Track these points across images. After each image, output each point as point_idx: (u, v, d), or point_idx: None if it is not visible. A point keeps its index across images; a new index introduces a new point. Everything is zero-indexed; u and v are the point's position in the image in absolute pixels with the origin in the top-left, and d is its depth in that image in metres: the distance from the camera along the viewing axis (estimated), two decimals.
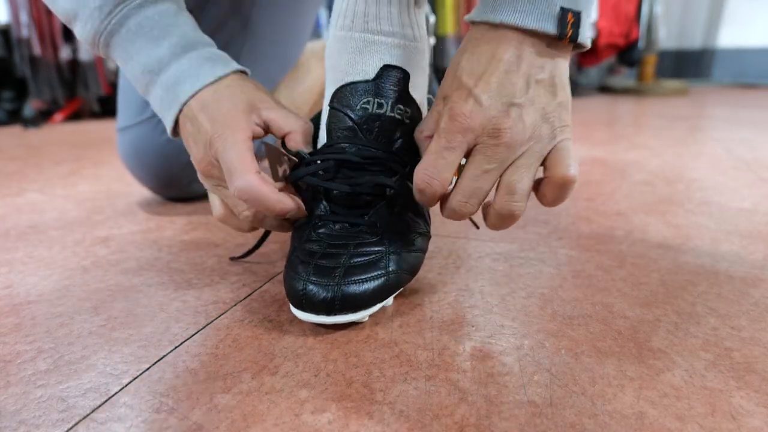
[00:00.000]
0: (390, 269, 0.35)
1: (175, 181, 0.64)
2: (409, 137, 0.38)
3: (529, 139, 0.33)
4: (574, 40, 0.32)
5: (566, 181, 0.33)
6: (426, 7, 0.40)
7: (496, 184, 0.34)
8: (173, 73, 0.39)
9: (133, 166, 0.65)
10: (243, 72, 0.41)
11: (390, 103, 0.37)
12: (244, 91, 0.39)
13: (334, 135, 0.38)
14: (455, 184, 0.34)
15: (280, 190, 0.37)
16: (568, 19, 0.31)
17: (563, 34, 0.32)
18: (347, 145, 0.37)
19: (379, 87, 0.37)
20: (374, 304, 0.34)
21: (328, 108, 0.39)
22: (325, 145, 0.38)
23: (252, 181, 0.35)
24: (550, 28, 0.31)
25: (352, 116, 0.37)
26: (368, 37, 0.37)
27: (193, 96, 0.38)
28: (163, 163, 0.63)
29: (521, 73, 0.32)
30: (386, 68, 0.37)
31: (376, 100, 0.37)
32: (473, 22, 0.35)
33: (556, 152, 0.33)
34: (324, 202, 0.38)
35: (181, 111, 0.39)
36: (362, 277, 0.34)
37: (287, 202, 0.36)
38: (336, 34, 0.38)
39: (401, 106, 0.37)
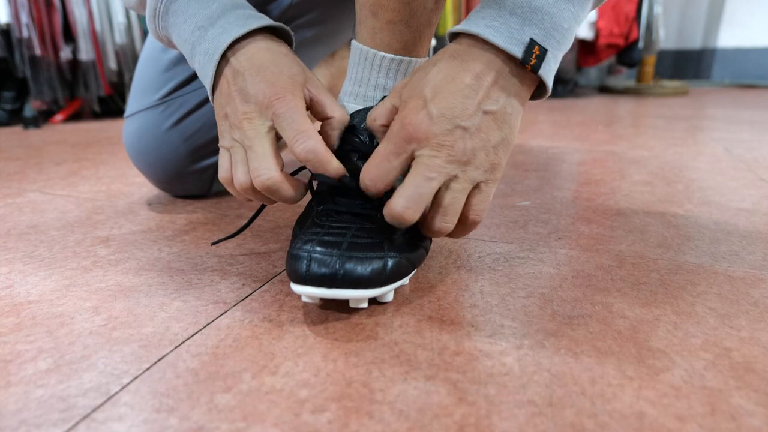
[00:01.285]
0: (389, 253, 0.35)
1: (175, 173, 0.64)
2: None
3: (466, 162, 0.35)
4: (535, 71, 0.35)
5: (475, 224, 0.38)
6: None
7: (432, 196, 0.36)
8: (221, 24, 0.41)
9: (135, 154, 0.65)
10: (287, 30, 0.44)
11: None
12: (299, 63, 0.41)
13: (345, 146, 0.41)
14: (394, 195, 0.36)
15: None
16: (534, 51, 0.34)
17: (527, 60, 0.34)
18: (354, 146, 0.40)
19: None
20: (374, 285, 0.34)
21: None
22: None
23: (319, 145, 0.37)
24: (517, 51, 0.34)
25: (359, 135, 0.40)
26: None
27: (237, 41, 0.40)
28: (163, 150, 0.63)
29: (476, 101, 0.35)
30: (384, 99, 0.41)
31: None
32: (453, 34, 0.37)
33: (478, 191, 0.37)
34: (329, 198, 0.40)
35: (225, 57, 0.41)
36: (364, 254, 0.34)
37: (341, 168, 0.38)
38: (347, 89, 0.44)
39: None
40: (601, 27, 2.00)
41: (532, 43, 0.34)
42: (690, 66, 2.87)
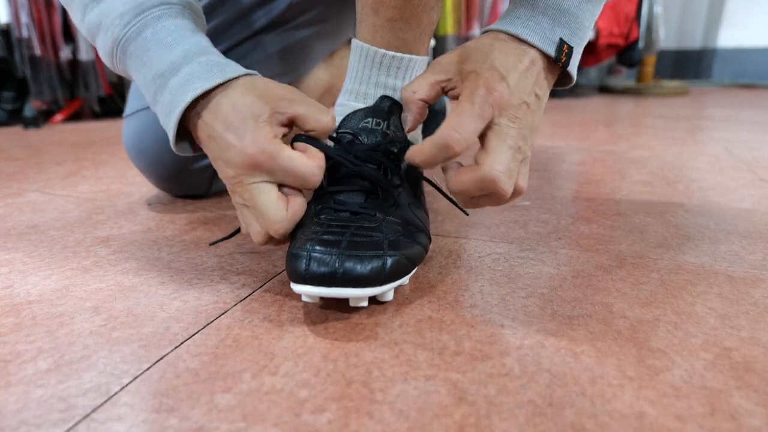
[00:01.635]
0: (389, 252, 0.35)
1: (175, 172, 0.64)
2: (396, 155, 0.42)
3: (525, 137, 0.38)
4: (565, 67, 0.39)
5: (521, 191, 0.39)
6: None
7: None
8: (183, 75, 0.39)
9: (135, 153, 0.65)
10: (254, 75, 0.41)
11: (385, 124, 0.42)
12: (259, 88, 0.39)
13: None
14: (487, 160, 0.36)
15: None
16: (564, 49, 0.38)
17: (558, 58, 0.38)
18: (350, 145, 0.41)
19: (377, 110, 0.42)
20: (374, 284, 0.34)
21: (334, 133, 0.42)
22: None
23: (308, 179, 0.38)
24: (550, 50, 0.38)
25: (352, 133, 0.41)
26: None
27: (201, 101, 0.38)
28: (163, 149, 0.63)
29: (532, 81, 0.38)
30: (384, 98, 0.43)
31: (374, 119, 0.41)
32: (492, 31, 0.39)
33: (524, 165, 0.39)
34: (327, 196, 0.40)
35: (188, 121, 0.39)
36: (363, 253, 0.34)
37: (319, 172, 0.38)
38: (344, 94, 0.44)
39: (394, 128, 0.42)
40: (601, 27, 2.00)
41: (562, 42, 0.38)
42: (690, 66, 2.87)
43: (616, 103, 1.87)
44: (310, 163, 0.37)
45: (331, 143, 0.42)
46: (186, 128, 0.41)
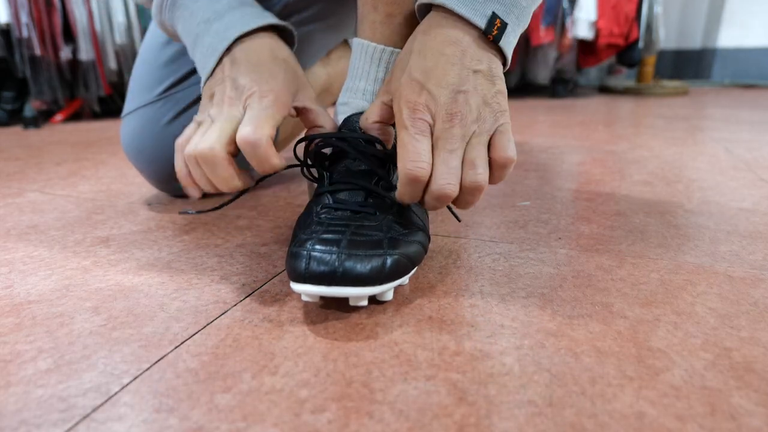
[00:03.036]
0: (388, 251, 0.35)
1: (173, 170, 0.64)
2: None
3: (476, 119, 0.37)
4: (496, 41, 0.37)
5: (507, 162, 0.38)
6: None
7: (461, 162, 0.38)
8: (226, 20, 0.43)
9: (134, 153, 0.65)
10: (291, 31, 0.46)
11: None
12: (297, 68, 0.43)
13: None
14: (432, 177, 0.37)
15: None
16: (496, 23, 0.37)
17: (489, 31, 0.37)
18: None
19: None
20: (374, 283, 0.34)
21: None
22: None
23: (262, 139, 0.39)
24: (480, 22, 0.36)
25: (356, 131, 0.42)
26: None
27: (241, 38, 0.42)
28: (162, 146, 0.63)
29: (464, 65, 0.37)
30: None
31: None
32: (419, 8, 0.39)
33: (498, 135, 0.38)
34: (328, 196, 0.41)
35: (228, 50, 0.42)
36: (363, 252, 0.34)
37: (280, 164, 0.41)
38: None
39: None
40: (601, 27, 2.00)
41: (494, 15, 0.37)
42: (690, 66, 2.87)
43: (616, 103, 1.87)
44: (256, 134, 0.39)
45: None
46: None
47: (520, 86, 2.21)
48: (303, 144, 0.43)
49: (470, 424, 0.26)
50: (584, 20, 1.97)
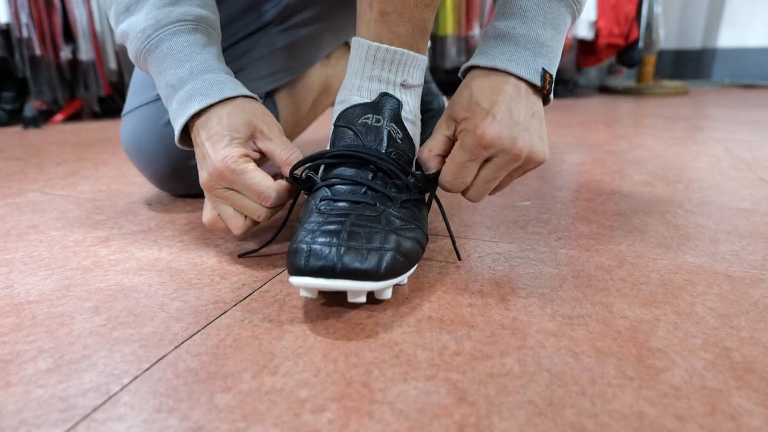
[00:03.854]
0: (385, 246, 0.35)
1: (174, 169, 0.64)
2: (398, 154, 0.43)
3: (527, 162, 0.42)
4: (548, 93, 0.43)
5: (540, 163, 0.43)
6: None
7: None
8: (187, 90, 0.45)
9: (134, 152, 0.65)
10: (252, 98, 0.47)
11: (386, 121, 0.43)
12: (246, 112, 0.45)
13: (337, 145, 0.43)
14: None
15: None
16: (547, 78, 0.42)
17: (543, 87, 0.42)
18: (348, 144, 0.42)
19: (377, 107, 0.43)
20: (372, 278, 0.34)
21: (332, 127, 0.45)
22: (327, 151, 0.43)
23: (279, 196, 0.45)
24: (536, 80, 0.41)
25: (353, 128, 0.43)
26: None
27: (199, 113, 0.45)
28: (162, 145, 0.63)
29: (523, 105, 0.41)
30: (384, 95, 0.43)
31: (374, 116, 0.43)
32: (476, 67, 0.43)
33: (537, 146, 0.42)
34: (326, 189, 0.41)
35: (188, 125, 0.46)
36: (362, 245, 0.34)
37: (279, 193, 0.44)
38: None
39: (394, 125, 0.43)
40: (601, 27, 2.00)
41: (544, 71, 0.42)
42: (690, 66, 2.87)
43: (616, 103, 1.87)
44: (268, 184, 0.43)
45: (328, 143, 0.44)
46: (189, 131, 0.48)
47: None
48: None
49: (470, 424, 0.26)
50: (584, 20, 1.98)
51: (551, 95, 0.43)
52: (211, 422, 0.26)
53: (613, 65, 2.55)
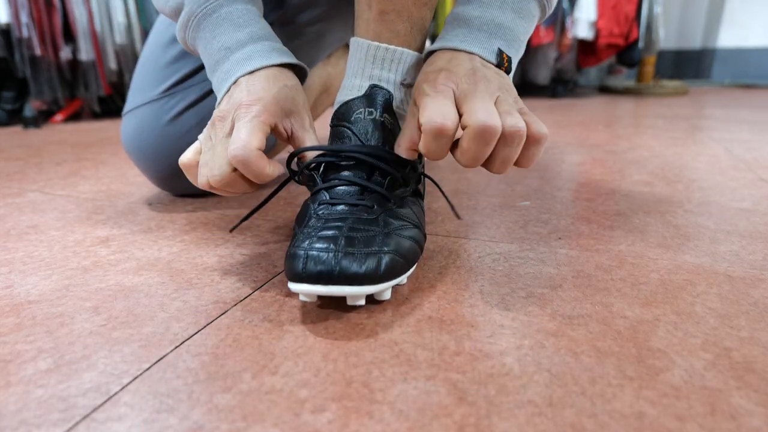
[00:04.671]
0: (384, 249, 0.36)
1: (174, 168, 0.64)
2: (392, 146, 0.42)
3: (498, 89, 0.38)
4: (508, 72, 0.41)
5: (541, 137, 0.38)
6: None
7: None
8: (248, 51, 0.45)
9: (135, 151, 0.65)
10: (305, 69, 0.47)
11: (378, 112, 0.42)
12: (297, 94, 0.45)
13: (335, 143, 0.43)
14: (465, 116, 0.36)
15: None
16: (504, 57, 0.41)
17: (501, 63, 0.40)
18: (346, 140, 0.43)
19: (369, 99, 0.43)
20: (370, 282, 0.34)
21: (329, 129, 0.45)
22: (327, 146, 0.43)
23: (251, 155, 0.39)
24: (491, 58, 0.40)
25: (349, 126, 0.42)
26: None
27: (257, 70, 0.44)
28: (163, 145, 0.63)
29: (471, 65, 0.39)
30: (374, 86, 0.43)
31: (366, 108, 0.42)
32: (431, 52, 0.42)
33: (526, 116, 0.38)
34: (324, 192, 0.41)
35: (242, 77, 0.44)
36: (360, 250, 0.34)
37: (275, 170, 0.41)
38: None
39: (387, 116, 0.43)
40: (601, 27, 2.00)
41: (501, 51, 0.40)
42: (690, 66, 2.87)
43: (616, 103, 1.87)
44: (267, 164, 0.41)
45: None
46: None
47: (520, 86, 2.21)
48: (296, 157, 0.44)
49: (470, 424, 0.26)
50: (584, 20, 1.98)
51: (510, 75, 0.42)
52: (211, 422, 0.26)
53: (613, 65, 2.55)
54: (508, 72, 0.41)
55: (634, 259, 0.46)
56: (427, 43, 0.49)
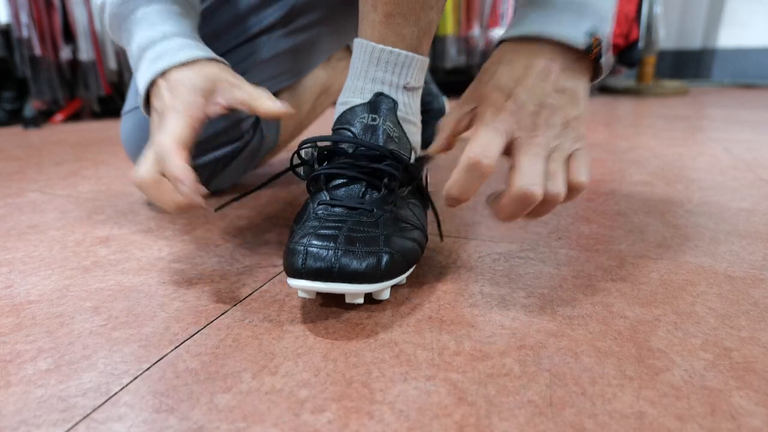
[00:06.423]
0: (384, 249, 0.35)
1: None
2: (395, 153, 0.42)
3: (557, 136, 0.37)
4: (597, 59, 0.37)
5: (580, 187, 0.37)
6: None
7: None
8: (157, 49, 0.45)
9: (135, 150, 0.65)
10: (221, 61, 0.46)
11: (382, 119, 0.42)
12: (210, 71, 0.44)
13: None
14: (513, 178, 0.36)
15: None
16: (594, 41, 0.37)
17: (590, 50, 0.37)
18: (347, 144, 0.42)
19: (374, 106, 0.42)
20: (370, 281, 0.34)
21: (332, 131, 0.44)
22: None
23: (165, 147, 0.39)
24: (580, 42, 0.37)
25: (351, 129, 0.42)
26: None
27: (167, 70, 0.44)
28: None
29: (551, 81, 0.37)
30: (379, 94, 0.43)
31: (370, 115, 0.42)
32: (510, 39, 0.39)
33: (574, 159, 0.38)
34: (324, 192, 0.41)
35: (153, 83, 0.44)
36: (360, 249, 0.34)
37: (196, 197, 0.38)
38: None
39: (390, 124, 0.42)
40: None
41: (591, 34, 0.37)
42: (690, 66, 2.87)
43: (616, 103, 1.87)
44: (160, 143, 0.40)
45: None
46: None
47: None
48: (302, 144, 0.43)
49: (470, 424, 0.26)
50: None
51: (602, 60, 0.38)
52: (211, 422, 0.26)
53: (613, 65, 2.55)
54: (598, 58, 0.38)
55: (634, 259, 0.46)
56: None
